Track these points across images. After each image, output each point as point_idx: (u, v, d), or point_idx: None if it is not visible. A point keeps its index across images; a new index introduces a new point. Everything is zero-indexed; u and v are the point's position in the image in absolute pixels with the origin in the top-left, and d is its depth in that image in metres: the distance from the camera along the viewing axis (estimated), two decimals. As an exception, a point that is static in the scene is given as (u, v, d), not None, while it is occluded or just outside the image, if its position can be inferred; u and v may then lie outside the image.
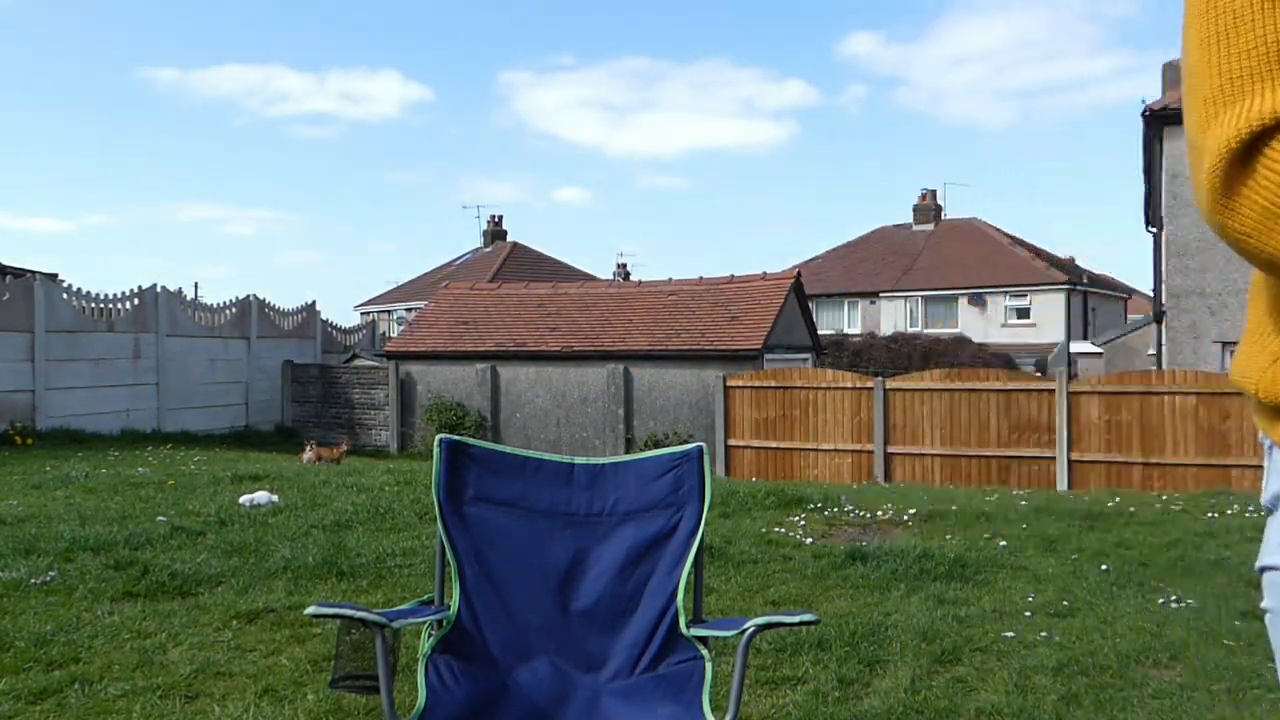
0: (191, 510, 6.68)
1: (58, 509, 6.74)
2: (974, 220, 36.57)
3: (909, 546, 5.50)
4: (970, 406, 13.55)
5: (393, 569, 4.92)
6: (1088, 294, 33.10)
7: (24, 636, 3.68)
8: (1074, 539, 6.22)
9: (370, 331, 24.84)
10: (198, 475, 9.16)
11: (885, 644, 3.79)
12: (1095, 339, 29.01)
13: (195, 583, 4.55)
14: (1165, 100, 15.32)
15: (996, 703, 3.16)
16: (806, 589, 4.75)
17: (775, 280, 19.80)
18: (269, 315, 19.85)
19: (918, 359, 26.36)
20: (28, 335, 14.38)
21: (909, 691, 3.28)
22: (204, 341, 17.99)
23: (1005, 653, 3.74)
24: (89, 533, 5.58)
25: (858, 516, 7.10)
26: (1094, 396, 12.84)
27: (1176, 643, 3.85)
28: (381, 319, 35.57)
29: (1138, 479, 12.45)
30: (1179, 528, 6.76)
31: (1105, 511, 7.36)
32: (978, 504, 7.69)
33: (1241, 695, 3.29)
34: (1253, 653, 3.74)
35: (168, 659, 3.53)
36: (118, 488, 8.12)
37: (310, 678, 3.34)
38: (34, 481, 8.58)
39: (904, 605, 4.44)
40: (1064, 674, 3.48)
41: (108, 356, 15.83)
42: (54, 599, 4.27)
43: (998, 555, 5.57)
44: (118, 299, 16.27)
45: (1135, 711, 3.13)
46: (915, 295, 33.54)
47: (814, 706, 3.15)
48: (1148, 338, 22.66)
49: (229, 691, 3.22)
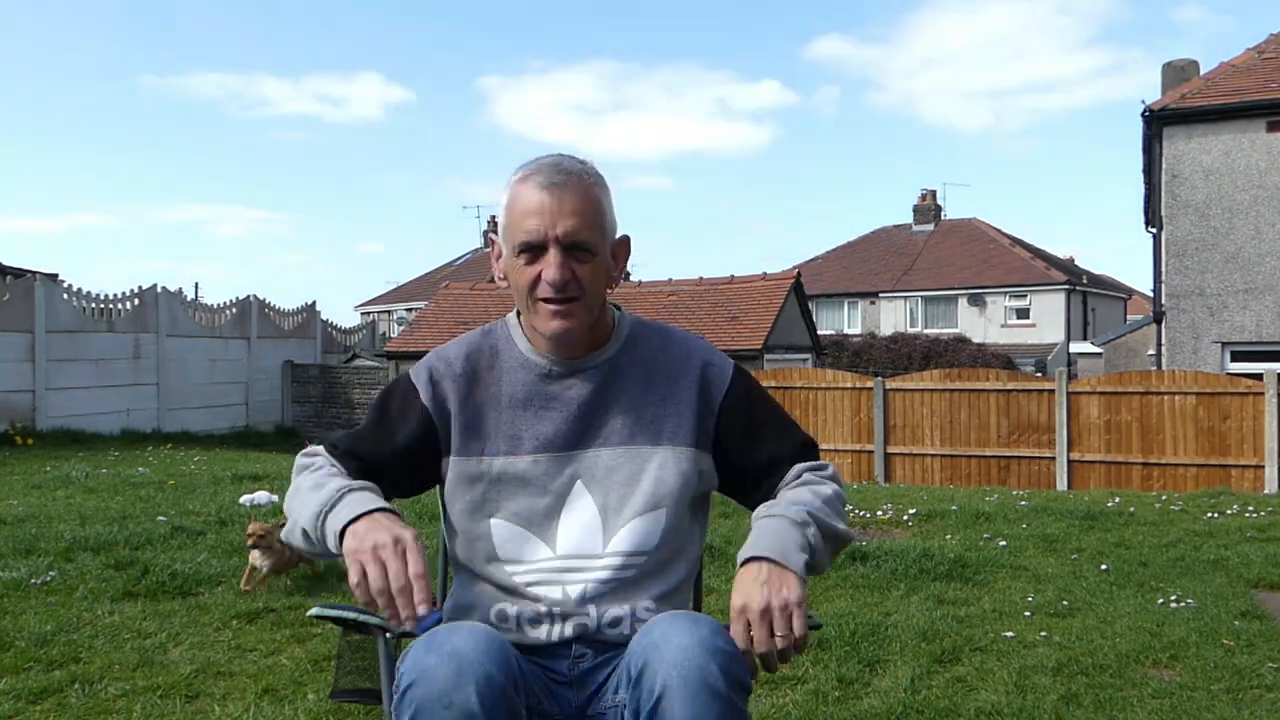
0: (192, 510, 6.69)
1: (58, 509, 6.74)
2: (974, 220, 36.58)
3: (909, 546, 5.50)
4: (970, 407, 13.55)
5: (393, 569, 4.92)
6: (1087, 294, 33.11)
7: (24, 636, 3.68)
8: (1074, 539, 6.22)
9: (370, 332, 24.85)
10: (198, 475, 9.16)
11: (885, 644, 3.80)
12: (1095, 339, 29.01)
13: (195, 583, 4.55)
14: (1165, 100, 15.31)
15: (996, 703, 3.16)
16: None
17: (775, 280, 19.81)
18: (269, 315, 19.86)
19: (918, 359, 26.37)
20: (28, 335, 14.39)
21: (909, 691, 3.28)
22: (204, 341, 18.00)
23: (1005, 653, 3.74)
24: (89, 533, 5.58)
25: (858, 516, 7.10)
26: (1094, 396, 12.85)
27: (1176, 643, 3.85)
28: (381, 319, 35.60)
29: (1137, 479, 12.45)
30: (1179, 528, 6.76)
31: (1105, 511, 7.36)
32: (978, 504, 7.69)
33: (1241, 695, 3.30)
34: (1253, 653, 3.74)
35: (168, 659, 3.53)
36: (118, 488, 8.12)
37: (310, 678, 3.34)
38: (34, 481, 8.59)
39: (904, 605, 4.44)
40: (1064, 674, 3.49)
41: (108, 356, 15.84)
42: (54, 599, 4.27)
43: (998, 555, 5.57)
44: (118, 299, 16.28)
45: (1135, 711, 3.14)
46: (915, 295, 33.55)
47: (814, 706, 3.15)
48: (1148, 338, 22.67)
49: (229, 691, 3.22)
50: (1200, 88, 15.11)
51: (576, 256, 1.54)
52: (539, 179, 1.55)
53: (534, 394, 1.63)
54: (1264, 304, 14.34)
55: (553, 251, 1.54)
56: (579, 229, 1.53)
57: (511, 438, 1.62)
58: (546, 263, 1.53)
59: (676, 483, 1.61)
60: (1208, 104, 14.61)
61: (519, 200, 1.56)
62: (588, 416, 1.62)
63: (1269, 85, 14.58)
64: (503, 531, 1.61)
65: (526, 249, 1.55)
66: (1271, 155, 14.35)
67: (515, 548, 1.60)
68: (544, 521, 1.60)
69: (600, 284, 1.60)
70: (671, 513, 1.61)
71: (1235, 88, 14.77)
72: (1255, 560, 5.50)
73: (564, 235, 1.53)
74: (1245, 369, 13.93)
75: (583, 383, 1.63)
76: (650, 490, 1.60)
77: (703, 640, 1.34)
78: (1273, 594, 4.87)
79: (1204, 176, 14.68)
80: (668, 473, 1.61)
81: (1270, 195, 14.34)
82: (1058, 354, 29.44)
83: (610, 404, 1.63)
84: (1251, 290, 14.41)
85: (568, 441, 1.61)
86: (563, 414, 1.62)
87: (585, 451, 1.62)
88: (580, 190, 1.55)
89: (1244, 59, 15.61)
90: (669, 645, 1.34)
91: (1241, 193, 14.49)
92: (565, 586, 1.57)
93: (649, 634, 1.39)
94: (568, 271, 1.54)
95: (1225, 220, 14.59)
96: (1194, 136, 14.73)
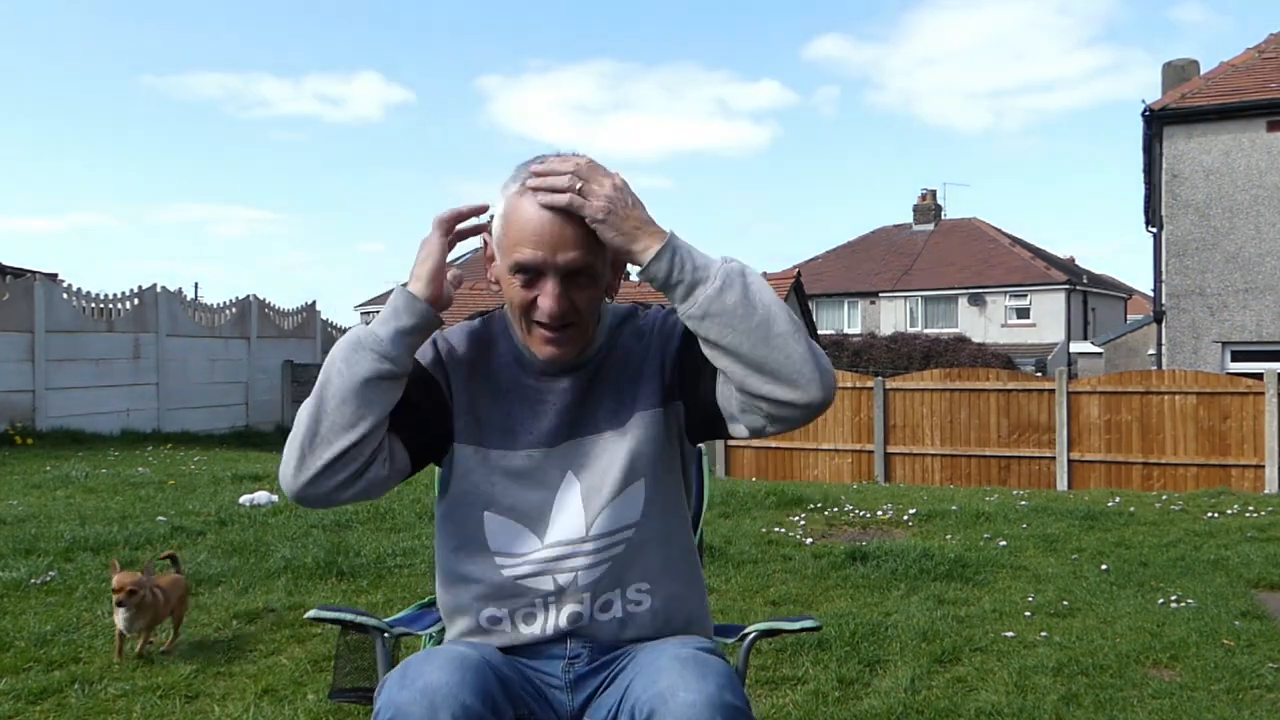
0: (191, 510, 6.68)
1: (58, 509, 6.74)
2: (974, 220, 36.58)
3: (909, 546, 5.50)
4: (970, 406, 13.55)
5: (393, 569, 4.92)
6: (1088, 294, 33.12)
7: (24, 636, 3.68)
8: (1074, 539, 6.22)
9: (370, 331, 24.81)
10: (198, 475, 9.16)
11: (885, 644, 3.79)
12: (1095, 339, 29.03)
13: (195, 582, 4.54)
14: (1165, 100, 15.31)
15: (996, 703, 3.16)
16: (806, 589, 4.75)
17: (775, 280, 19.81)
18: (269, 315, 19.85)
19: (918, 359, 26.38)
20: (28, 335, 14.38)
21: (909, 691, 3.28)
22: (204, 341, 17.99)
23: (1005, 653, 3.74)
24: (89, 533, 5.58)
25: (858, 516, 7.10)
26: (1094, 396, 12.85)
27: (1176, 643, 3.85)
28: (381, 319, 35.54)
29: (1138, 479, 12.45)
30: (1179, 528, 6.76)
31: (1105, 511, 7.36)
32: (978, 504, 7.69)
33: (1241, 695, 3.30)
34: (1253, 653, 3.74)
35: (168, 659, 3.53)
36: (118, 488, 8.12)
37: (310, 678, 3.34)
38: (34, 481, 8.58)
39: (904, 605, 4.44)
40: (1064, 674, 3.49)
41: (108, 356, 15.82)
42: (54, 599, 4.27)
43: (998, 555, 5.57)
44: (118, 299, 16.27)
45: (1135, 711, 3.14)
46: (915, 295, 33.55)
47: (814, 706, 3.15)
48: (1148, 337, 22.67)
49: (229, 691, 3.22)
50: (1200, 87, 15.12)
51: (576, 283, 1.49)
52: (542, 196, 1.46)
53: (530, 389, 1.61)
54: (1264, 304, 14.34)
55: (551, 282, 1.47)
56: (581, 258, 1.47)
57: (506, 432, 1.60)
58: (544, 291, 1.48)
59: (650, 449, 1.58)
60: (1208, 104, 14.62)
61: (518, 216, 1.48)
62: (579, 408, 1.60)
63: (1269, 85, 14.58)
64: (494, 525, 1.59)
65: (522, 270, 1.49)
66: (1271, 155, 14.35)
67: (506, 541, 1.58)
68: (536, 515, 1.58)
69: (598, 304, 1.56)
70: (651, 481, 1.59)
71: (1235, 87, 14.77)
72: (1255, 560, 5.50)
73: (565, 265, 1.46)
74: (1245, 369, 13.93)
75: (575, 378, 1.60)
76: (626, 464, 1.57)
77: (711, 699, 1.31)
78: (1273, 594, 4.87)
79: (1204, 176, 14.68)
80: (640, 441, 1.58)
81: (1270, 195, 14.34)
82: (1058, 354, 29.44)
83: (597, 393, 1.61)
84: (1251, 290, 14.41)
85: (560, 435, 1.59)
86: (556, 408, 1.60)
87: (576, 441, 1.59)
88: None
89: (1244, 59, 15.61)
90: (676, 701, 1.31)
91: (1241, 192, 14.49)
92: (555, 575, 1.56)
93: (656, 680, 1.36)
94: (566, 302, 1.48)
95: (1225, 220, 14.59)
96: (1194, 136, 14.73)
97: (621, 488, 1.57)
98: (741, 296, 1.41)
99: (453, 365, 1.62)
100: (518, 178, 1.51)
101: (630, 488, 1.58)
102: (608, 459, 1.58)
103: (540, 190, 1.45)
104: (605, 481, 1.57)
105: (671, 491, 1.65)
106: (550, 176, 1.45)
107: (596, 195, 1.42)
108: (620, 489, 1.57)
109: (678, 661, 1.38)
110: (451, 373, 1.62)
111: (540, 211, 1.45)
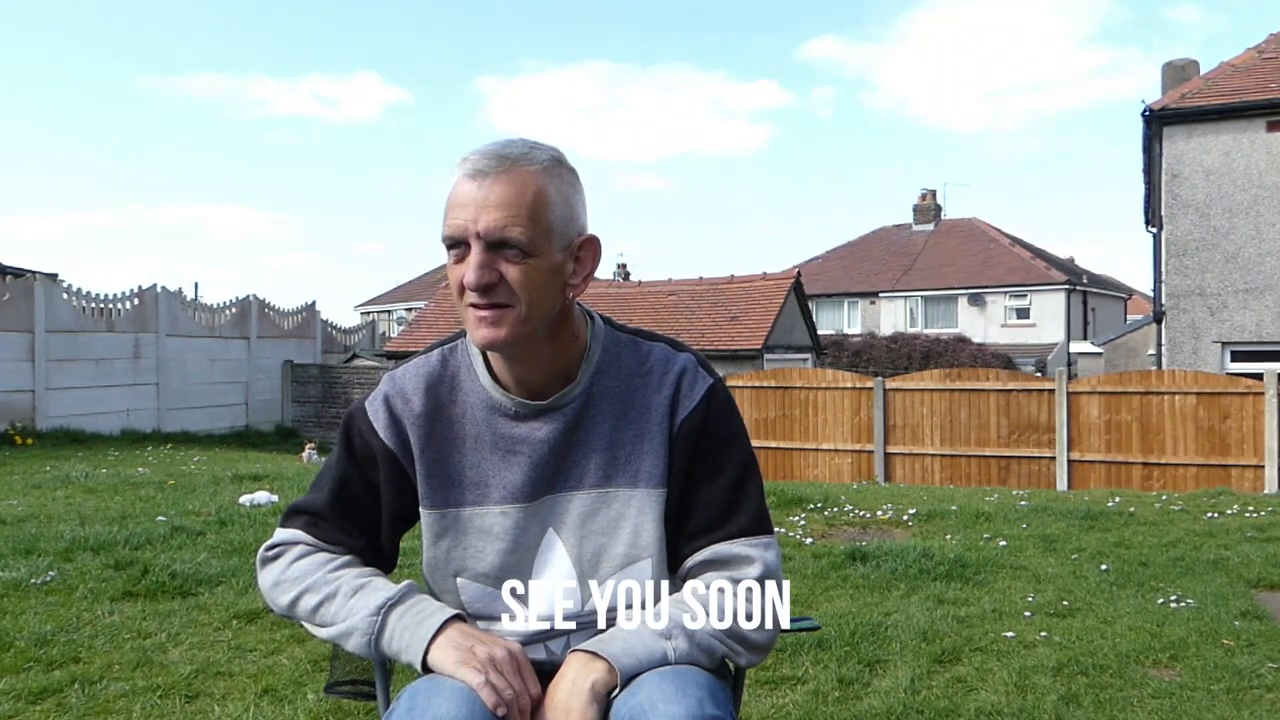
0: (191, 510, 6.68)
1: (58, 509, 6.74)
2: (974, 220, 36.59)
3: (909, 546, 5.50)
4: (970, 406, 13.55)
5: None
6: (1087, 294, 33.11)
7: (24, 636, 3.68)
8: (1074, 539, 6.22)
9: (370, 332, 24.85)
10: (198, 475, 9.16)
11: (885, 644, 3.79)
12: (1095, 339, 29.02)
13: (195, 583, 4.55)
14: (1165, 100, 15.31)
15: (996, 703, 3.16)
16: (806, 589, 4.75)
17: (775, 280, 19.81)
18: (269, 315, 19.86)
19: (918, 359, 26.38)
20: (28, 335, 14.39)
21: (909, 691, 3.28)
22: (204, 341, 18.00)
23: (1005, 653, 3.74)
24: (89, 533, 5.58)
25: (858, 516, 7.10)
26: (1094, 396, 12.85)
27: (1176, 643, 3.85)
28: (381, 319, 35.61)
29: (1138, 479, 12.45)
30: (1179, 528, 6.76)
31: (1105, 511, 7.36)
32: (978, 504, 7.69)
33: (1241, 695, 3.30)
34: (1253, 653, 3.74)
35: (168, 659, 3.53)
36: (118, 488, 8.12)
37: (310, 678, 3.34)
38: (34, 481, 8.58)
39: (904, 605, 4.44)
40: (1064, 674, 3.49)
41: (108, 356, 15.84)
42: (54, 599, 4.27)
43: (998, 555, 5.57)
44: (118, 299, 16.28)
45: (1135, 711, 3.14)
46: (915, 295, 33.55)
47: (814, 706, 3.15)
48: (1148, 337, 22.68)
49: (229, 691, 3.22)
50: (1200, 88, 15.12)
51: (505, 256, 1.33)
52: (469, 165, 1.35)
53: (499, 437, 1.46)
54: (1264, 304, 14.34)
55: (474, 249, 1.33)
56: (504, 223, 1.31)
57: (477, 485, 1.47)
58: (469, 263, 1.34)
59: (656, 532, 1.45)
60: (1208, 104, 14.62)
61: (452, 191, 1.36)
62: (558, 458, 1.46)
63: (1269, 85, 14.58)
64: (471, 591, 1.49)
65: (451, 245, 1.36)
66: (1271, 155, 14.35)
67: (485, 606, 1.49)
68: (515, 579, 1.47)
69: (545, 293, 1.36)
70: (656, 562, 1.46)
71: (1235, 88, 14.77)
72: (1255, 560, 5.50)
73: (486, 231, 1.31)
74: (1245, 369, 13.93)
75: (552, 423, 1.45)
76: (630, 541, 1.45)
77: (690, 713, 1.26)
78: (1273, 594, 4.87)
79: (1204, 176, 14.68)
80: (646, 520, 1.45)
81: (1270, 195, 14.34)
82: (1058, 354, 29.44)
83: (582, 442, 1.46)
84: (1251, 290, 14.41)
85: (537, 489, 1.46)
86: (531, 459, 1.45)
87: (556, 496, 1.46)
88: (515, 179, 1.33)
89: (1244, 59, 15.61)
90: (656, 714, 1.26)
91: (1241, 192, 14.49)
92: (547, 643, 1.49)
93: (635, 692, 1.31)
94: (492, 274, 1.33)
95: (1225, 220, 14.59)
96: (1194, 136, 14.73)
97: (623, 565, 1.47)
98: (699, 652, 1.38)
99: (411, 423, 1.48)
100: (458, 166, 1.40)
101: (633, 567, 1.47)
102: (603, 525, 1.46)
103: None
104: (604, 555, 1.47)
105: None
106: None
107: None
108: (621, 566, 1.47)
109: (656, 674, 1.33)
110: (411, 433, 1.48)
111: (467, 180, 1.34)
